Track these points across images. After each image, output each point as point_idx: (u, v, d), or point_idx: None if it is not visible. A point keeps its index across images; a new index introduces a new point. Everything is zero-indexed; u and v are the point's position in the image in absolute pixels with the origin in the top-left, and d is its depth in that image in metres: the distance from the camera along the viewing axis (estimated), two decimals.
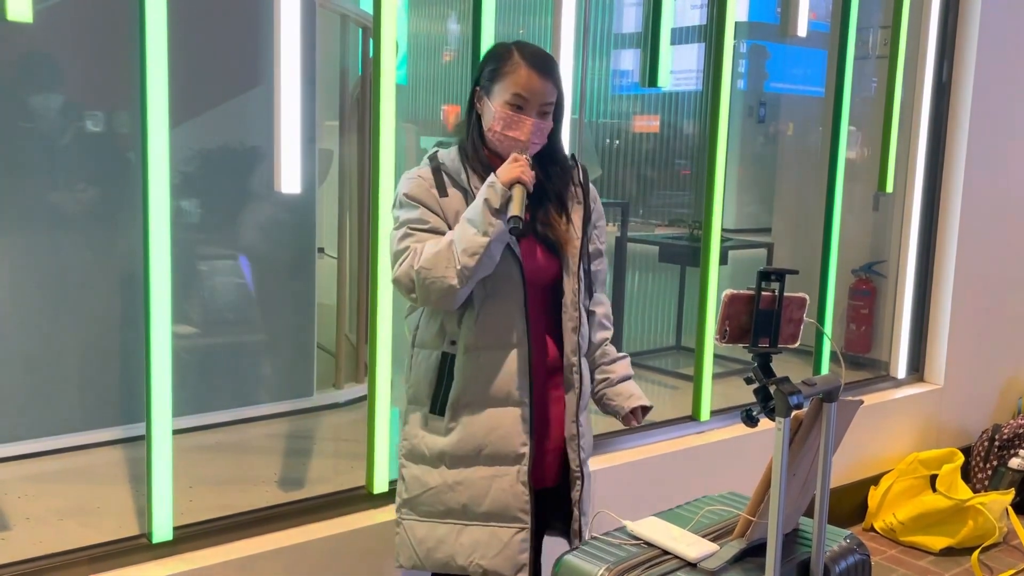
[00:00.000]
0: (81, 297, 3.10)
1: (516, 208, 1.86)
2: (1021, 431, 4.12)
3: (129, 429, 3.07)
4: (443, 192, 1.98)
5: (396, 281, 1.96)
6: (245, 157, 3.40)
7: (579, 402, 2.09)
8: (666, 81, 3.11)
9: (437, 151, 2.05)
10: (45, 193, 3.04)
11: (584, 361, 2.14)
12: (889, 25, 4.01)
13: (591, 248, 2.16)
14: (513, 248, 1.98)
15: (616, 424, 2.30)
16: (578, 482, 2.11)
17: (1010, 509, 3.80)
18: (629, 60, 4.77)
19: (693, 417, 3.38)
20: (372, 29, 2.46)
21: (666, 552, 1.91)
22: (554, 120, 2.03)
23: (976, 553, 3.59)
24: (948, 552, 3.69)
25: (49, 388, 3.07)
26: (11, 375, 3.00)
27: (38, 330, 3.05)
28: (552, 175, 2.06)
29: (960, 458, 3.90)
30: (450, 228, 1.96)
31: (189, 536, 2.28)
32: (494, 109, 1.97)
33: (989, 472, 4.12)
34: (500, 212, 1.87)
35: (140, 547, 2.23)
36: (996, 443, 4.14)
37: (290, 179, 2.39)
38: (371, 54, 2.65)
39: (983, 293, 4.32)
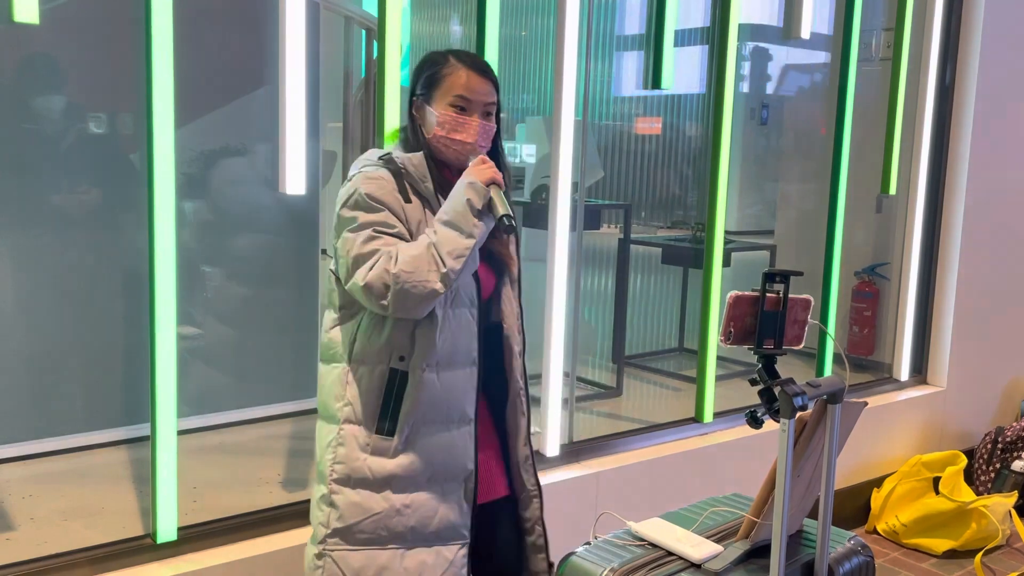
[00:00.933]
0: (86, 298, 3.11)
1: (502, 207, 1.84)
2: None
3: (133, 430, 3.08)
4: (406, 198, 1.88)
5: (368, 286, 1.80)
6: (249, 158, 3.40)
7: (529, 424, 2.08)
8: (669, 83, 3.11)
9: (391, 153, 1.94)
10: (49, 194, 3.04)
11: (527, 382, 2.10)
12: (892, 28, 4.01)
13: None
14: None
15: (620, 425, 2.30)
16: (535, 500, 2.10)
17: (1013, 512, 3.80)
18: (632, 62, 4.77)
19: (696, 419, 3.38)
20: (376, 31, 2.47)
21: (670, 553, 1.91)
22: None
23: (979, 556, 3.59)
24: (951, 555, 3.68)
25: (53, 389, 3.07)
26: (16, 376, 3.01)
27: (42, 331, 3.05)
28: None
29: (963, 461, 3.90)
30: (410, 236, 1.88)
31: (193, 537, 2.28)
32: (437, 114, 1.93)
33: (992, 475, 4.12)
34: (483, 213, 1.84)
35: (144, 547, 2.23)
36: (999, 446, 4.14)
37: (294, 180, 2.40)
38: (375, 56, 2.66)
39: (986, 295, 4.32)
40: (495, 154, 2.01)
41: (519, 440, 2.08)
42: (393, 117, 2.43)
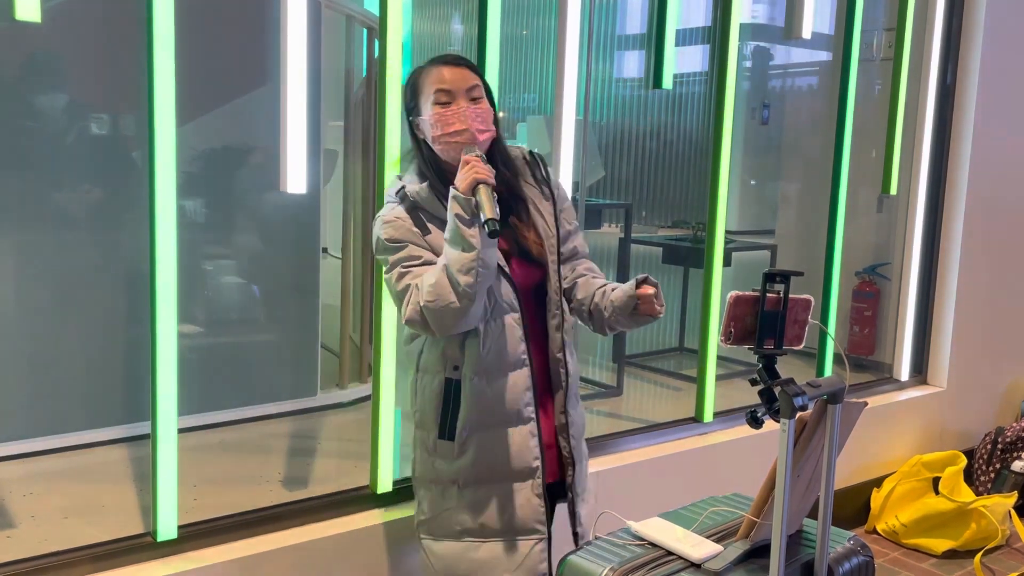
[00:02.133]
0: (87, 296, 3.11)
1: (488, 210, 1.83)
2: None
3: (134, 428, 3.08)
4: (425, 230, 1.97)
5: (410, 322, 1.93)
6: (250, 157, 3.41)
7: (566, 396, 2.11)
8: (670, 82, 3.11)
9: (404, 188, 2.01)
10: (50, 192, 3.04)
11: (569, 354, 2.12)
12: (894, 28, 4.01)
13: (562, 232, 2.13)
14: (503, 267, 1.98)
15: (621, 425, 2.32)
16: (570, 468, 2.13)
17: (1013, 512, 3.80)
18: (633, 61, 4.78)
19: (696, 419, 3.38)
20: (377, 29, 2.47)
21: (670, 553, 1.91)
22: None
23: (979, 556, 3.59)
24: (951, 555, 3.69)
25: (54, 386, 3.07)
26: (17, 373, 3.01)
27: (44, 329, 3.05)
28: (505, 179, 2.02)
29: (963, 461, 3.90)
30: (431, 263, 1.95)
31: (193, 535, 2.28)
32: (429, 119, 1.98)
33: (992, 475, 4.12)
34: (474, 221, 1.85)
35: (144, 546, 2.23)
36: (999, 446, 4.14)
37: (295, 179, 2.40)
38: (376, 54, 2.66)
39: (987, 296, 4.32)
40: (498, 152, 2.04)
41: (555, 410, 2.12)
42: (394, 115, 2.43)
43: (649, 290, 1.99)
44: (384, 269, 2.00)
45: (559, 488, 2.15)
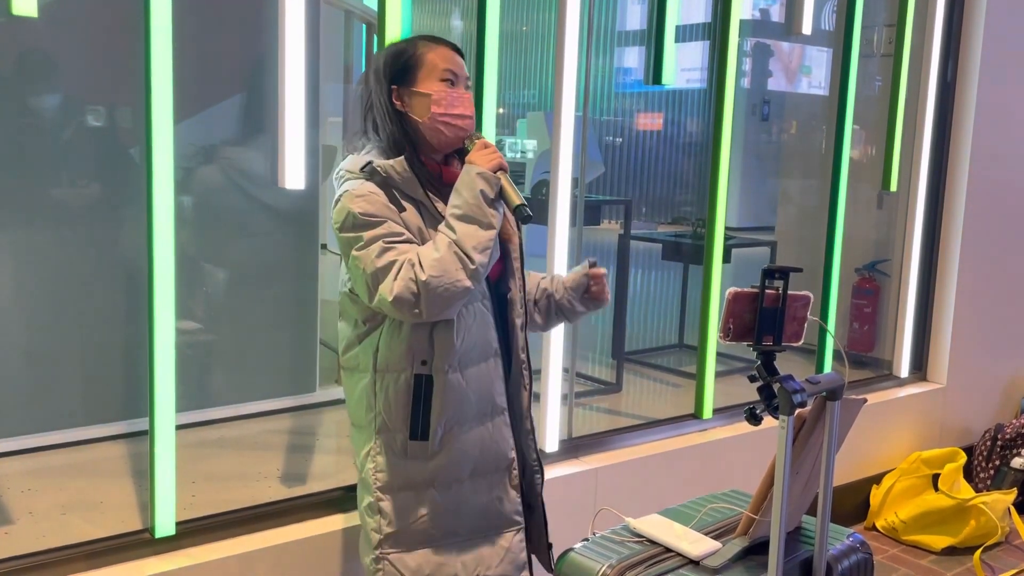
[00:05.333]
0: (84, 292, 3.11)
1: (515, 195, 1.81)
2: None
3: (132, 424, 3.07)
4: (400, 207, 1.85)
5: (397, 299, 1.77)
6: (248, 153, 3.40)
7: (529, 398, 2.08)
8: (671, 78, 3.10)
9: (371, 164, 1.87)
10: (48, 188, 3.04)
11: (528, 356, 2.10)
12: (894, 23, 4.01)
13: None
14: None
15: (620, 421, 2.31)
16: (537, 475, 2.10)
17: (1012, 509, 3.80)
18: (633, 57, 4.77)
19: (696, 415, 3.38)
20: (376, 25, 2.46)
21: (669, 549, 1.91)
22: None
23: (978, 553, 3.59)
24: (950, 551, 3.68)
25: (52, 383, 3.07)
26: (14, 370, 3.00)
27: (41, 325, 3.05)
28: None
29: (962, 457, 3.90)
30: (416, 240, 1.86)
31: (191, 531, 2.28)
32: (432, 93, 1.88)
33: (992, 471, 4.12)
34: (495, 202, 1.83)
35: (142, 542, 2.23)
36: (999, 442, 4.14)
37: (294, 175, 2.39)
38: (375, 50, 2.65)
39: (986, 292, 4.32)
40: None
41: (521, 414, 2.08)
42: None
43: (602, 270, 2.05)
44: (355, 246, 1.83)
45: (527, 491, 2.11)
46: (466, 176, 1.84)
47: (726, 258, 3.49)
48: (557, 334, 2.91)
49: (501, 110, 4.99)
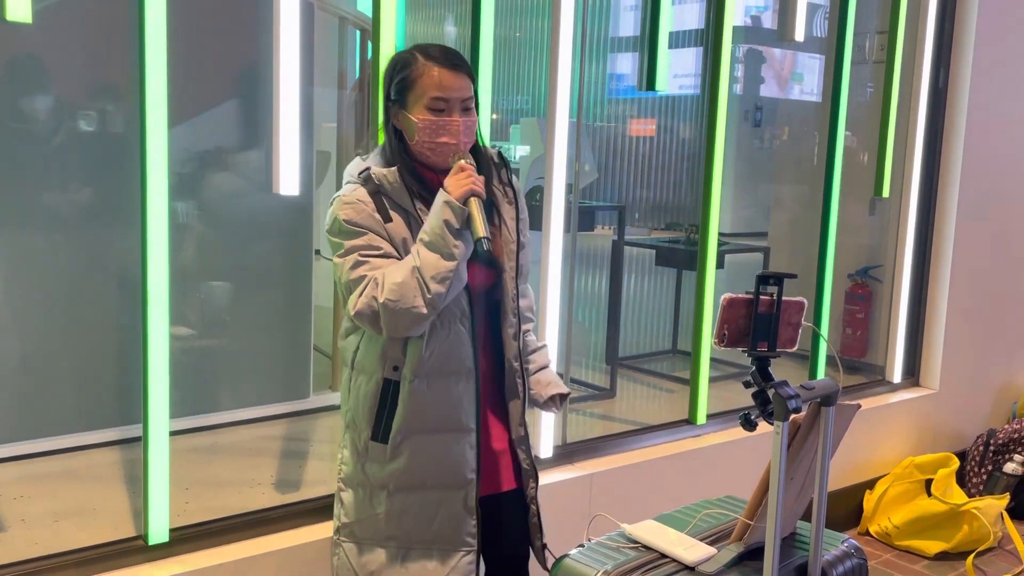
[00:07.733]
0: (78, 298, 3.10)
1: (480, 227, 1.79)
2: (1016, 436, 4.13)
3: (126, 431, 3.06)
4: (387, 217, 1.87)
5: (358, 314, 1.84)
6: (242, 159, 3.40)
7: (523, 406, 2.07)
8: (664, 85, 3.11)
9: (368, 170, 1.90)
10: (41, 194, 3.03)
11: (527, 362, 2.11)
12: (886, 30, 4.02)
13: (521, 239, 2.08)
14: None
15: (614, 427, 2.31)
16: (531, 480, 2.10)
17: (1005, 514, 3.80)
18: (626, 63, 4.78)
19: (690, 421, 3.38)
20: (370, 31, 2.46)
21: (664, 555, 1.91)
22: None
23: (971, 558, 3.60)
24: (943, 556, 3.69)
25: (46, 389, 3.06)
26: (7, 376, 2.99)
27: (35, 331, 3.04)
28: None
29: (955, 462, 3.91)
30: (397, 253, 1.88)
31: (185, 538, 2.27)
32: (415, 120, 1.89)
33: (984, 477, 4.13)
34: (461, 232, 1.81)
35: (136, 549, 2.22)
36: (991, 448, 4.15)
37: (288, 181, 2.39)
38: (369, 56, 2.65)
39: (979, 298, 4.33)
40: (474, 149, 1.98)
41: (512, 422, 2.07)
42: None
43: (553, 410, 2.16)
44: (336, 252, 1.89)
45: (518, 498, 2.10)
46: (437, 203, 1.84)
47: (719, 264, 3.50)
48: (551, 339, 2.92)
49: (495, 116, 4.99)
